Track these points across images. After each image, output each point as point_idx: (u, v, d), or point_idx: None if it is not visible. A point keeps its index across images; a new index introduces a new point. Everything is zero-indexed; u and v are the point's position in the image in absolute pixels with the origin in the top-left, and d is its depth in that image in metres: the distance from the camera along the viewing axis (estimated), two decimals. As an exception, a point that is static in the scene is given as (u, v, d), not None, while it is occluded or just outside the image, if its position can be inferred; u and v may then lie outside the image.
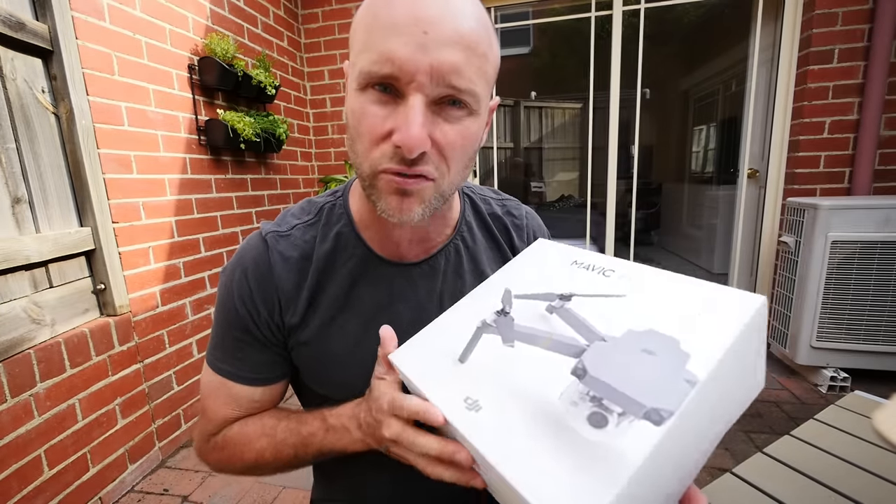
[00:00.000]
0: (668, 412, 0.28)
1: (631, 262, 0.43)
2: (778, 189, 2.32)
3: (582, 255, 0.46)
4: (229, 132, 1.84)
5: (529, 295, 0.44)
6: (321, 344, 0.52)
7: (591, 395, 0.31)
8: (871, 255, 1.80)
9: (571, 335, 0.37)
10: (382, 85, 0.40)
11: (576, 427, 0.30)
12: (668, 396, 0.29)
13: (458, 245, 0.57)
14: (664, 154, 5.44)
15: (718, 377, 0.31)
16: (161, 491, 1.52)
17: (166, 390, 1.70)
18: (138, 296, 1.58)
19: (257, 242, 0.53)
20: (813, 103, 2.09)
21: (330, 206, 0.56)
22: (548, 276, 0.46)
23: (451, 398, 0.37)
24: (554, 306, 0.41)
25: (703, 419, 0.32)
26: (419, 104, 0.39)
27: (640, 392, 0.30)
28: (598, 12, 2.41)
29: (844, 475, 0.74)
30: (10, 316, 1.20)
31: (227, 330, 0.53)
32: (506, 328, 0.41)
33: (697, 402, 0.29)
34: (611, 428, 0.29)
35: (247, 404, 0.55)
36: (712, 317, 0.33)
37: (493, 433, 0.33)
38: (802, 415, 1.74)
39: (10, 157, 1.22)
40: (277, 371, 0.55)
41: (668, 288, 0.38)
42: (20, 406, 1.20)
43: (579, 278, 0.43)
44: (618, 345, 0.34)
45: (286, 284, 0.51)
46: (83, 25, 1.37)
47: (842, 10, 2.00)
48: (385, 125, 0.40)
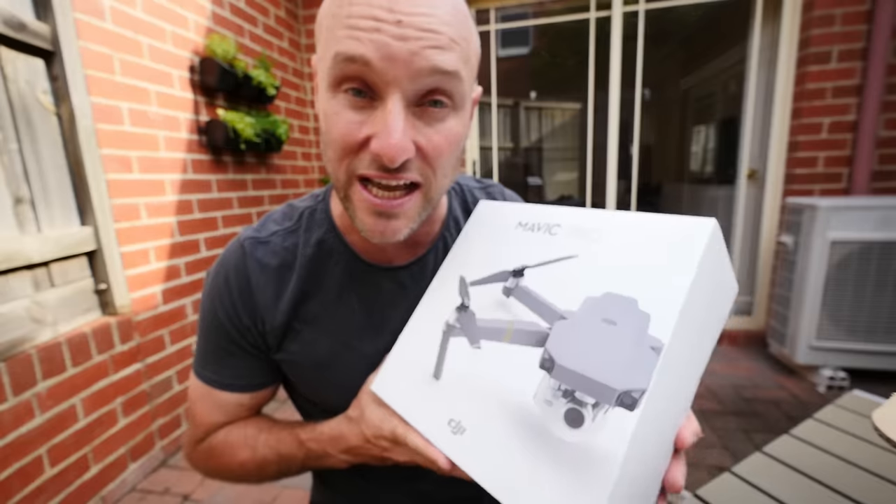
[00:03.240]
0: (638, 391, 0.28)
1: (571, 208, 0.40)
2: (777, 189, 2.32)
3: (525, 214, 0.43)
4: (230, 132, 1.84)
5: (484, 279, 0.42)
6: (311, 354, 0.50)
7: (563, 390, 0.31)
8: (870, 255, 1.81)
9: (532, 318, 0.36)
10: (356, 88, 0.36)
11: (554, 430, 0.30)
12: (636, 373, 0.28)
13: (446, 242, 0.55)
14: (663, 154, 5.44)
15: (683, 326, 0.29)
16: (162, 490, 1.52)
17: (167, 390, 1.71)
18: (139, 296, 1.58)
19: (236, 249, 0.50)
20: (811, 104, 2.10)
21: (310, 210, 0.53)
22: (497, 249, 0.43)
23: (436, 424, 0.37)
24: (509, 287, 0.39)
25: (680, 368, 0.31)
26: (398, 107, 0.35)
27: (608, 374, 0.29)
28: (597, 13, 2.41)
29: (843, 474, 0.75)
30: (11, 316, 1.20)
31: (210, 338, 0.51)
32: (469, 326, 0.40)
33: (668, 364, 0.29)
34: (587, 424, 0.29)
35: (234, 410, 0.54)
36: (664, 259, 0.31)
37: (480, 455, 0.33)
38: (801, 414, 1.74)
39: (11, 158, 1.23)
40: (263, 378, 0.53)
41: (616, 236, 0.35)
42: (22, 405, 1.20)
43: (527, 244, 0.41)
44: (577, 321, 0.33)
45: (265, 293, 0.49)
46: (84, 26, 1.38)
47: (840, 11, 2.01)
48: (361, 131, 0.37)
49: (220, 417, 0.54)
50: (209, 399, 0.53)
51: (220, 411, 0.53)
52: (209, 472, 0.56)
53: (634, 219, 0.35)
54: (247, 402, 0.54)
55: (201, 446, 0.55)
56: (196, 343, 0.54)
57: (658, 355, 0.28)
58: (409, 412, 0.40)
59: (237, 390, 0.52)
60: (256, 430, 0.53)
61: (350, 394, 0.49)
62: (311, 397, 0.55)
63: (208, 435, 0.54)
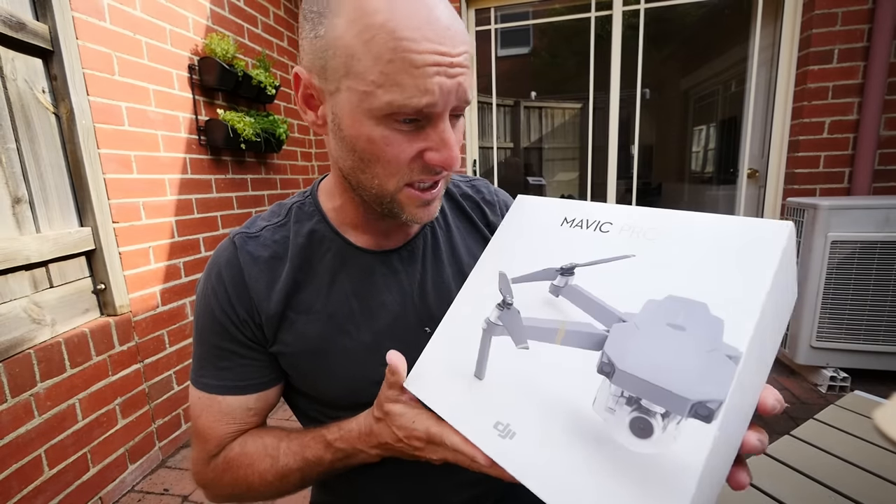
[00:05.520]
0: (715, 402, 0.25)
1: (625, 206, 0.38)
2: (778, 189, 2.32)
3: (571, 210, 0.41)
4: (229, 132, 1.84)
5: (527, 276, 0.40)
6: (306, 343, 0.50)
7: (627, 396, 0.29)
8: (871, 255, 1.80)
9: (585, 319, 0.34)
10: (410, 118, 0.40)
11: (620, 440, 0.28)
12: (711, 382, 0.26)
13: (433, 228, 0.57)
14: (664, 154, 5.43)
15: (759, 333, 0.27)
16: (161, 491, 1.52)
17: (166, 390, 1.70)
18: (138, 296, 1.58)
19: (227, 245, 0.52)
20: (813, 103, 2.09)
21: (299, 204, 0.55)
22: (540, 245, 0.41)
23: (482, 428, 0.35)
24: (558, 286, 0.37)
25: (751, 376, 0.29)
26: (448, 125, 0.41)
27: (679, 382, 0.27)
28: (597, 12, 2.41)
29: (844, 475, 0.74)
30: (10, 316, 1.20)
31: (207, 341, 0.51)
32: (514, 325, 0.38)
33: (743, 373, 0.26)
34: (657, 434, 0.27)
35: (241, 415, 0.52)
36: (737, 262, 0.29)
37: (534, 463, 0.31)
38: (802, 415, 1.74)
39: (10, 157, 1.22)
40: (266, 375, 0.53)
41: (678, 235, 0.33)
42: (20, 406, 1.20)
43: (576, 241, 0.39)
44: (640, 324, 0.31)
45: (258, 283, 0.50)
46: (83, 25, 1.37)
47: (841, 10, 2.00)
48: (413, 148, 0.41)
49: (229, 426, 0.52)
50: (213, 408, 0.51)
51: (227, 419, 0.52)
52: (224, 489, 0.53)
53: (698, 219, 0.33)
54: (253, 405, 0.52)
55: (215, 462, 0.52)
56: (192, 358, 0.53)
57: (736, 365, 0.26)
58: (450, 413, 0.38)
59: (241, 392, 0.51)
60: (276, 439, 0.51)
61: (349, 382, 0.49)
62: (309, 391, 0.54)
63: (221, 448, 0.52)
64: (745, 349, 0.26)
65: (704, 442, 0.25)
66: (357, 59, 0.38)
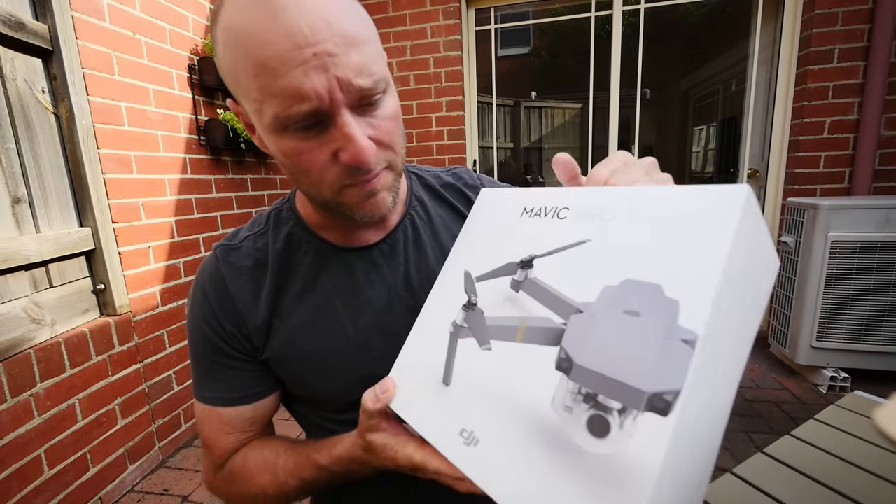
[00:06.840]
0: (672, 393, 0.24)
1: (582, 188, 0.37)
2: (778, 189, 2.32)
3: (530, 199, 0.40)
4: (229, 132, 1.84)
5: (490, 273, 0.39)
6: (295, 346, 0.50)
7: (585, 393, 0.28)
8: (871, 255, 1.80)
9: (544, 313, 0.32)
10: (304, 125, 0.38)
11: (577, 440, 0.27)
12: (667, 371, 0.24)
13: (412, 219, 0.56)
14: (664, 154, 5.44)
15: (720, 313, 0.25)
16: (161, 491, 1.52)
17: (166, 390, 1.70)
18: (138, 296, 1.58)
19: (210, 259, 0.52)
20: (813, 103, 2.09)
21: (276, 211, 0.55)
22: (503, 239, 0.40)
23: (449, 435, 0.34)
24: (518, 280, 0.36)
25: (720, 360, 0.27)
26: (349, 118, 0.38)
27: (634, 374, 0.26)
28: (598, 12, 2.41)
29: (844, 475, 0.74)
30: (10, 316, 1.20)
31: (200, 356, 0.52)
32: (477, 326, 0.37)
33: (705, 357, 0.25)
34: (614, 433, 0.26)
35: (241, 425, 0.53)
36: (691, 236, 0.27)
37: (495, 469, 0.30)
38: (802, 415, 1.74)
39: (10, 157, 1.22)
40: (261, 385, 0.53)
41: (634, 214, 0.31)
42: (20, 406, 1.20)
43: (535, 231, 0.37)
44: (596, 314, 0.29)
45: (243, 294, 0.50)
46: (83, 25, 1.37)
47: (842, 10, 2.00)
48: (324, 152, 0.39)
49: (231, 436, 0.53)
50: (214, 420, 0.52)
51: (227, 429, 0.53)
52: (231, 499, 0.55)
53: (654, 193, 0.30)
54: (251, 415, 0.53)
55: (222, 473, 0.54)
56: (191, 371, 0.54)
57: (692, 349, 0.24)
58: (420, 424, 0.37)
59: (236, 403, 0.52)
60: (274, 454, 0.52)
61: (340, 380, 0.50)
62: (304, 394, 0.54)
63: (226, 459, 0.54)
64: (703, 332, 0.24)
65: (662, 437, 0.23)
66: (238, 82, 0.38)
